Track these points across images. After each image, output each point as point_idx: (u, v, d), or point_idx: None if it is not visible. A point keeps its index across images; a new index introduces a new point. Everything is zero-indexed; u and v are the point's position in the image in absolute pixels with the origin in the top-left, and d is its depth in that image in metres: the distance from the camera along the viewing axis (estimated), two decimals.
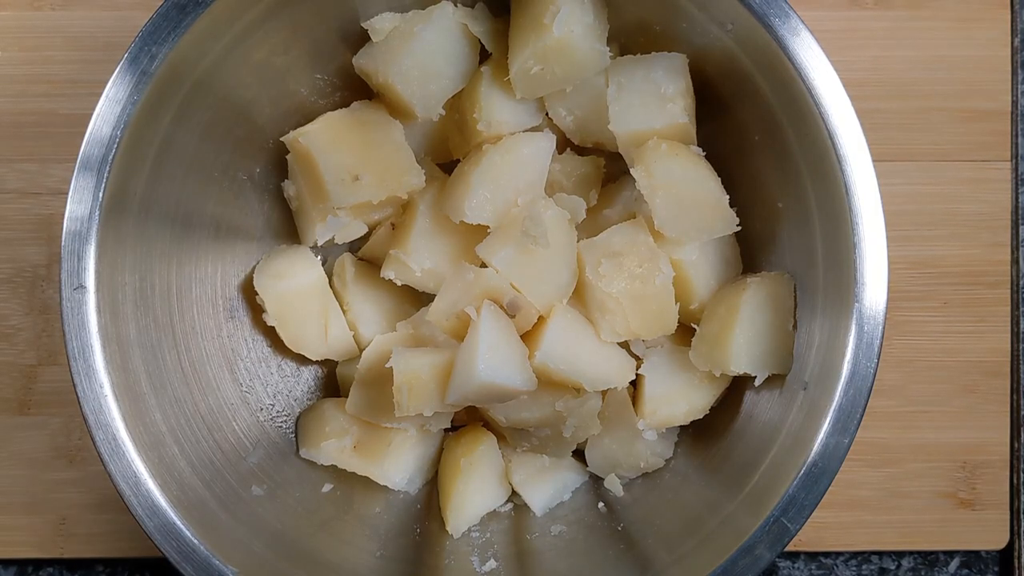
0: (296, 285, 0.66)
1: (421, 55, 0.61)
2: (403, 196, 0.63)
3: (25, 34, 0.71)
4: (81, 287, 0.51)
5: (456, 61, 0.62)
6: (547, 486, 0.67)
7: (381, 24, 0.61)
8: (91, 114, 0.53)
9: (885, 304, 0.53)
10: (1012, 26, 0.72)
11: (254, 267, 0.66)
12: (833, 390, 0.53)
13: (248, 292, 0.66)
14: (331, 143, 0.62)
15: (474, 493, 0.65)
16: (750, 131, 0.60)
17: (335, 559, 0.61)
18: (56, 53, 0.70)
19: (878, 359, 0.53)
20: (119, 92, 0.52)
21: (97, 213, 0.52)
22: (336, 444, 0.65)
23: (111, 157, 0.52)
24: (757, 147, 0.60)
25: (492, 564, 0.62)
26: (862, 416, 0.53)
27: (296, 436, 0.67)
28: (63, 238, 0.52)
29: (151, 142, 0.55)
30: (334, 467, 0.66)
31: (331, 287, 0.68)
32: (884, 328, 0.53)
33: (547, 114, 0.64)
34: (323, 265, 0.68)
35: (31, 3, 0.71)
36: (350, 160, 0.62)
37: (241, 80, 0.60)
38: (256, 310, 0.67)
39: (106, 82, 0.52)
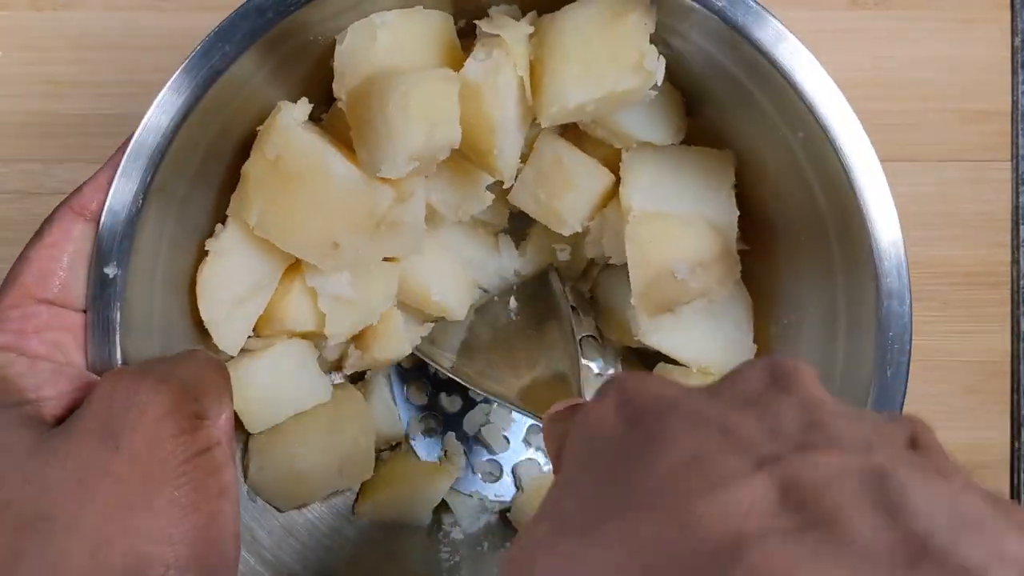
0: None
1: None
2: None
3: (25, 34, 0.71)
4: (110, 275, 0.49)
5: None
6: None
7: None
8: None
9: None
10: (1012, 26, 0.72)
11: None
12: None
13: None
14: None
15: None
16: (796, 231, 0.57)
17: None
18: (56, 53, 0.70)
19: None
20: (176, 97, 0.49)
21: (142, 199, 0.49)
22: None
23: (162, 148, 0.49)
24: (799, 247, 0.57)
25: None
26: None
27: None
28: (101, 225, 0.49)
29: (197, 147, 0.52)
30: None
31: None
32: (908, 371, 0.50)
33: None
34: None
35: (32, 3, 0.71)
36: None
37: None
38: None
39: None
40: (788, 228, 0.57)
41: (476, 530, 0.67)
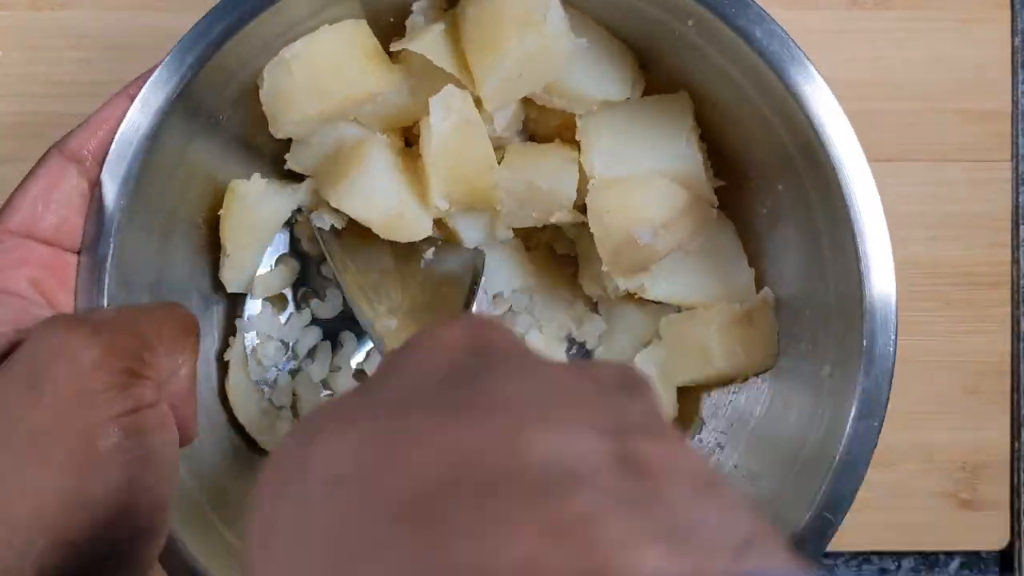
0: None
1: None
2: None
3: (25, 34, 0.71)
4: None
5: None
6: None
7: None
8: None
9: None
10: (1012, 26, 0.72)
11: None
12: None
13: None
14: None
15: None
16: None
17: None
18: (56, 53, 0.70)
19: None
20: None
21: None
22: None
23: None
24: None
25: None
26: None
27: None
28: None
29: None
30: None
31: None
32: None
33: None
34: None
35: (31, 3, 0.71)
36: None
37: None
38: None
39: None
40: (755, 162, 0.58)
41: None
